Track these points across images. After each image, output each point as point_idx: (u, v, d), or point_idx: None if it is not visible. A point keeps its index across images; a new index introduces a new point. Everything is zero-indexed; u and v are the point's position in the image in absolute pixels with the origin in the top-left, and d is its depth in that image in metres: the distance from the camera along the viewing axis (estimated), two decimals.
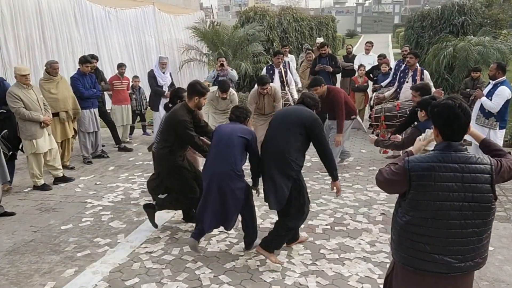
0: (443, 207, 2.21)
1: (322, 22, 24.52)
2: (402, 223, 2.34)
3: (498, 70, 5.93)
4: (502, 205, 5.30)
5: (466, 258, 2.27)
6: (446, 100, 2.29)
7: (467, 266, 2.28)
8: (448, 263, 2.26)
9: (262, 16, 14.26)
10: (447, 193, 2.20)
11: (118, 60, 10.63)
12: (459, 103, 2.25)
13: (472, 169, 2.21)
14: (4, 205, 5.37)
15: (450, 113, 2.24)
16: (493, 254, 4.13)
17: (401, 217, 2.35)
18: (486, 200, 2.22)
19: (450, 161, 2.23)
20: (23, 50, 8.71)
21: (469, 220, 2.23)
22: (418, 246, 2.29)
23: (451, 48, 11.05)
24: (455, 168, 2.21)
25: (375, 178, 2.45)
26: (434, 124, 2.34)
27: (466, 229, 2.23)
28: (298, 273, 3.86)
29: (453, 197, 2.20)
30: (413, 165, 2.26)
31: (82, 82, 7.02)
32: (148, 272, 3.93)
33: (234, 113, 4.23)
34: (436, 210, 2.22)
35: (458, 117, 2.23)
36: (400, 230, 2.36)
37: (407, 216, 2.31)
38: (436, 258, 2.26)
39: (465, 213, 2.21)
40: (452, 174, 2.21)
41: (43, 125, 5.88)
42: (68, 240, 4.57)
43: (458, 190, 2.20)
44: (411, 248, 2.32)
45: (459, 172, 2.21)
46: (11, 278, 3.87)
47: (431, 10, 15.80)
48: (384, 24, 68.97)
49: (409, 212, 2.30)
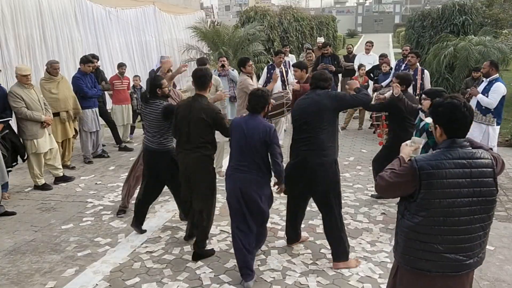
0: (454, 204, 2.20)
1: (323, 21, 24.49)
2: (412, 225, 2.29)
3: (491, 67, 6.07)
4: (503, 204, 5.30)
5: (474, 254, 2.27)
6: (450, 100, 2.28)
7: (474, 262, 2.28)
8: (459, 261, 2.25)
9: (262, 16, 14.26)
10: (458, 189, 2.19)
11: (119, 59, 10.62)
12: (464, 102, 2.26)
13: (478, 164, 2.22)
14: (5, 205, 5.37)
15: (456, 112, 2.23)
16: (494, 254, 4.13)
17: (410, 219, 2.30)
18: (491, 194, 2.24)
19: (458, 157, 2.22)
20: (24, 49, 8.69)
21: (477, 215, 2.23)
22: (430, 247, 2.25)
23: (452, 47, 11.03)
24: (464, 164, 2.21)
25: (375, 185, 2.42)
26: (437, 123, 2.32)
27: (474, 225, 2.23)
28: (299, 273, 3.87)
29: (463, 193, 2.20)
30: (422, 164, 2.22)
31: (84, 82, 7.03)
32: (149, 271, 3.93)
33: (250, 102, 3.70)
34: (448, 207, 2.20)
35: (464, 116, 2.24)
36: (409, 232, 2.31)
37: (418, 217, 2.26)
38: (449, 258, 2.24)
39: (473, 209, 2.21)
40: (461, 170, 2.20)
41: (44, 125, 5.89)
42: (68, 240, 4.57)
43: (468, 186, 2.20)
44: (421, 250, 2.28)
45: (467, 167, 2.20)
46: (12, 277, 3.88)
47: (431, 10, 15.77)
48: (385, 23, 68.91)
49: (419, 213, 2.26)
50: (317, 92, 3.90)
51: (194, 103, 3.98)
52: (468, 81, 8.35)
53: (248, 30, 12.55)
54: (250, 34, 12.49)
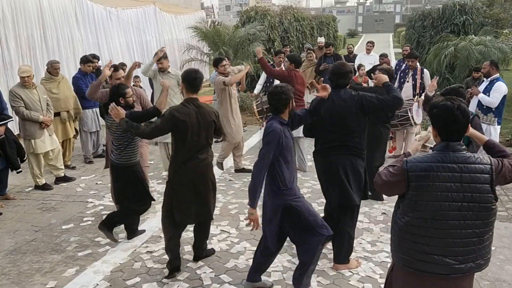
0: (442, 207, 2.20)
1: (323, 21, 24.48)
2: (401, 224, 2.33)
3: (492, 66, 6.09)
4: (504, 204, 5.29)
5: (467, 259, 2.25)
6: (445, 101, 2.27)
7: (468, 268, 2.26)
8: (448, 264, 2.24)
9: (263, 16, 14.26)
10: (446, 193, 2.19)
11: (119, 59, 10.61)
12: (458, 104, 2.24)
13: (471, 169, 2.20)
14: (6, 205, 5.38)
15: (449, 114, 2.23)
16: (495, 254, 4.13)
17: (400, 218, 2.34)
18: (485, 201, 2.20)
19: (448, 161, 2.22)
20: (24, 49, 8.70)
21: (469, 221, 2.21)
22: (418, 247, 2.28)
23: (452, 47, 11.04)
24: (454, 168, 2.20)
25: (374, 181, 2.43)
26: (433, 125, 2.33)
27: (466, 230, 2.22)
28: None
29: (452, 197, 2.19)
30: (411, 165, 2.25)
31: (84, 82, 7.03)
32: (149, 271, 3.93)
33: (270, 103, 3.35)
34: (435, 210, 2.21)
35: (457, 119, 2.22)
36: (400, 231, 2.35)
37: (406, 217, 2.30)
38: (436, 259, 2.25)
39: (464, 214, 2.20)
40: (450, 174, 2.20)
41: (43, 126, 5.88)
42: (69, 240, 4.57)
43: (457, 190, 2.19)
44: (411, 249, 2.31)
45: (457, 172, 2.20)
46: (12, 277, 3.88)
47: (432, 10, 15.78)
48: (385, 23, 68.87)
49: (408, 213, 2.29)
50: (341, 94, 3.66)
51: (198, 109, 3.67)
52: (469, 81, 8.35)
53: (248, 30, 12.55)
54: (250, 34, 12.48)
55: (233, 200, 5.57)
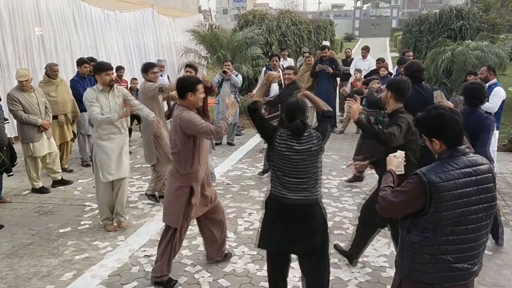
0: (463, 213, 2.15)
1: (320, 25, 24.59)
2: (420, 239, 2.21)
3: (489, 71, 6.09)
4: (501, 209, 5.31)
5: (478, 261, 2.26)
6: (438, 111, 2.26)
7: (478, 269, 2.27)
8: (467, 270, 2.22)
9: (261, 20, 14.29)
10: (467, 199, 2.15)
11: (117, 62, 10.62)
12: (449, 108, 2.28)
13: (482, 171, 2.20)
14: (2, 208, 5.35)
15: (448, 120, 2.22)
16: (492, 259, 4.14)
17: (420, 234, 2.21)
18: (493, 199, 2.23)
19: (464, 166, 2.18)
20: (22, 52, 8.68)
21: (484, 222, 2.21)
22: (440, 260, 2.20)
23: (449, 52, 11.08)
24: (470, 172, 2.17)
25: (378, 208, 2.31)
26: (432, 137, 2.26)
27: (481, 232, 2.21)
28: (298, 277, 3.85)
29: (471, 202, 2.16)
30: (431, 177, 2.13)
31: (82, 85, 7.01)
32: (147, 275, 3.92)
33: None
34: (457, 218, 2.15)
35: (456, 121, 2.23)
36: (418, 247, 2.22)
37: (427, 232, 2.19)
38: (458, 267, 2.20)
39: (480, 216, 2.19)
40: (468, 179, 2.16)
41: (41, 129, 5.86)
42: (66, 243, 4.55)
43: (475, 194, 2.17)
44: (430, 263, 2.21)
45: (473, 175, 2.17)
46: (9, 281, 3.86)
47: (429, 15, 15.88)
48: (382, 27, 69.26)
49: (429, 227, 2.18)
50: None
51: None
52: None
53: (246, 33, 12.57)
54: (248, 37, 12.51)
55: (231, 204, 5.57)
